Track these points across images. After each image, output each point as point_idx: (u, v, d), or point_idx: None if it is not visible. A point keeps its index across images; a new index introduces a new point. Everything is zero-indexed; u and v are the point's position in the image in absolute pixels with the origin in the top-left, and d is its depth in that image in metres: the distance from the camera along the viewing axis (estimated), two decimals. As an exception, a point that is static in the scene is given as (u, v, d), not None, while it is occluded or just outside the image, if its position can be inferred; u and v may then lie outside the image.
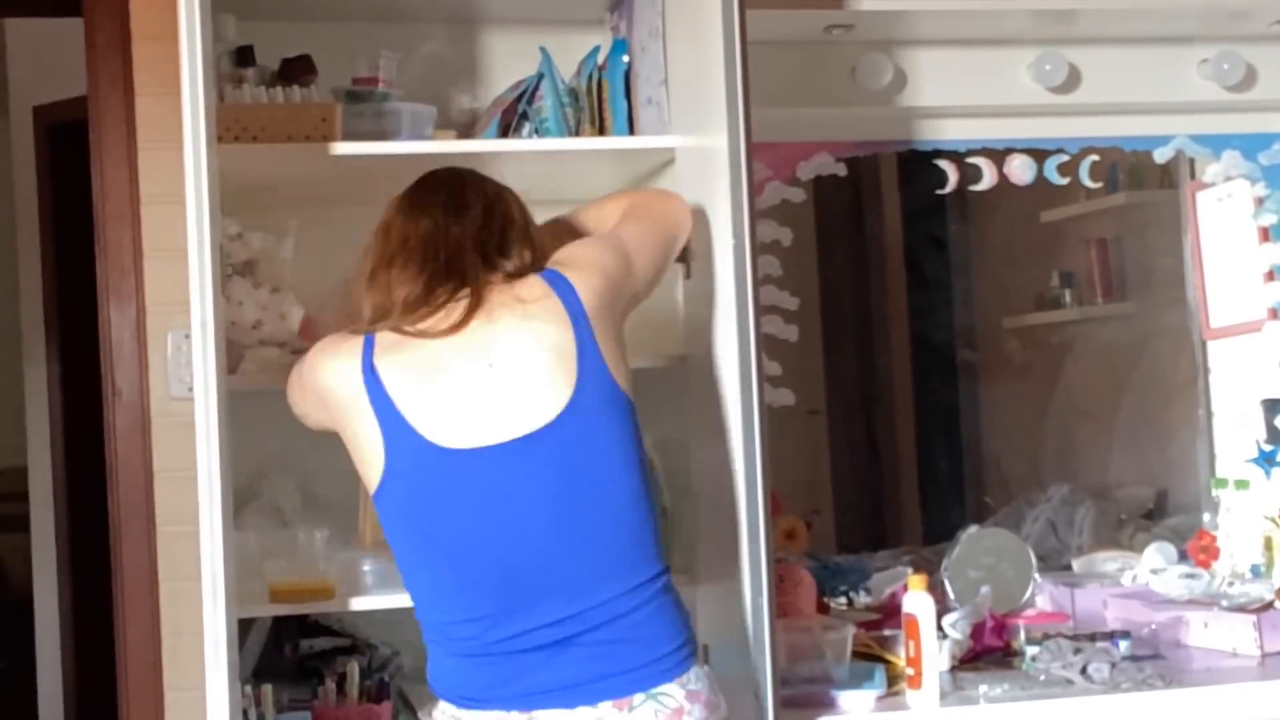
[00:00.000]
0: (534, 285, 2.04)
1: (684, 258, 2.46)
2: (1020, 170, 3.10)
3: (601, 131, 2.66)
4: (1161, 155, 3.17)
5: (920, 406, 3.57)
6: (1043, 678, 2.48)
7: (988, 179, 3.10)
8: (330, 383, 2.02)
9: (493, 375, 1.97)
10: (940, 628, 2.47)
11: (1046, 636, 2.58)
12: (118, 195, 2.83)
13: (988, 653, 2.63)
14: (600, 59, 2.70)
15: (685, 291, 2.47)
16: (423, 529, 1.96)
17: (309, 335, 2.54)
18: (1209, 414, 3.30)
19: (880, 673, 2.44)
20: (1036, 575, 2.87)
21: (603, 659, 1.93)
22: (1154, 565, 3.00)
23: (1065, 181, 3.13)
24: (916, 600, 2.37)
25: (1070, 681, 2.46)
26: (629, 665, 1.93)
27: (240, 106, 2.46)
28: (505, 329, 2.00)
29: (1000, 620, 2.68)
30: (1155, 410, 3.42)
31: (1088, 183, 3.15)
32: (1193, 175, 3.29)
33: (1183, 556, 3.04)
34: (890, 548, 3.20)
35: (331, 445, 2.12)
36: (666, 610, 1.99)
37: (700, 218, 2.39)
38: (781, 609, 2.40)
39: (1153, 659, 2.58)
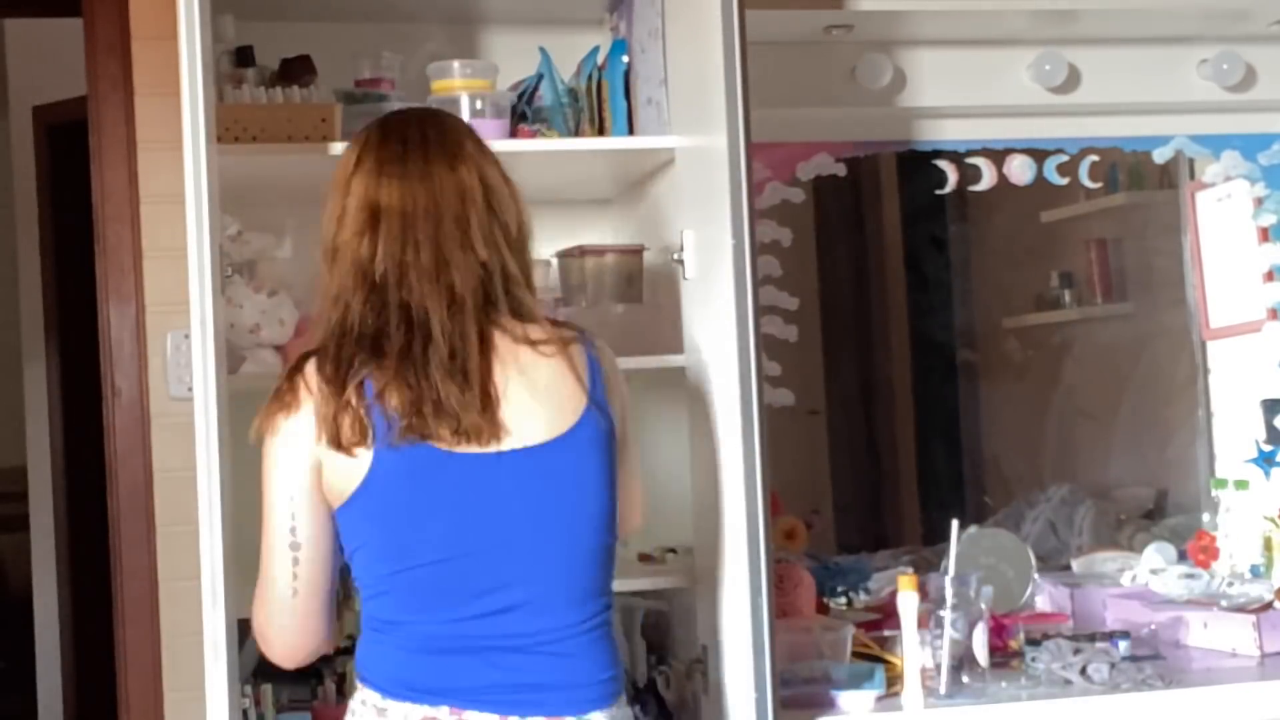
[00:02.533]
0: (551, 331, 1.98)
1: (679, 257, 2.47)
2: (1020, 170, 3.10)
3: (601, 132, 2.67)
4: (1161, 155, 3.17)
5: (920, 406, 3.57)
6: (1043, 678, 2.48)
7: (987, 179, 3.10)
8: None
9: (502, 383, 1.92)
10: (939, 627, 2.47)
11: (1046, 636, 2.58)
12: (117, 195, 2.83)
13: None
14: (600, 59, 2.70)
15: (685, 291, 2.47)
16: (403, 527, 1.89)
17: (304, 334, 2.54)
18: (1208, 414, 3.30)
19: (879, 673, 2.44)
20: (1036, 575, 2.87)
21: (545, 671, 1.90)
22: (1153, 565, 3.00)
23: (1065, 182, 3.13)
24: (906, 600, 2.38)
25: (1070, 681, 2.46)
26: (566, 682, 1.91)
27: (240, 107, 2.46)
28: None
29: (1000, 620, 2.68)
30: (1155, 410, 3.43)
31: (1087, 183, 3.15)
32: (1192, 175, 3.29)
33: (1182, 557, 3.04)
34: (890, 548, 3.20)
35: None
36: (607, 641, 1.97)
37: (701, 218, 2.40)
38: (781, 609, 2.40)
39: (1152, 659, 2.58)
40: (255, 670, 2.47)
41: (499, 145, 2.54)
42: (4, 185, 5.32)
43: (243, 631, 2.29)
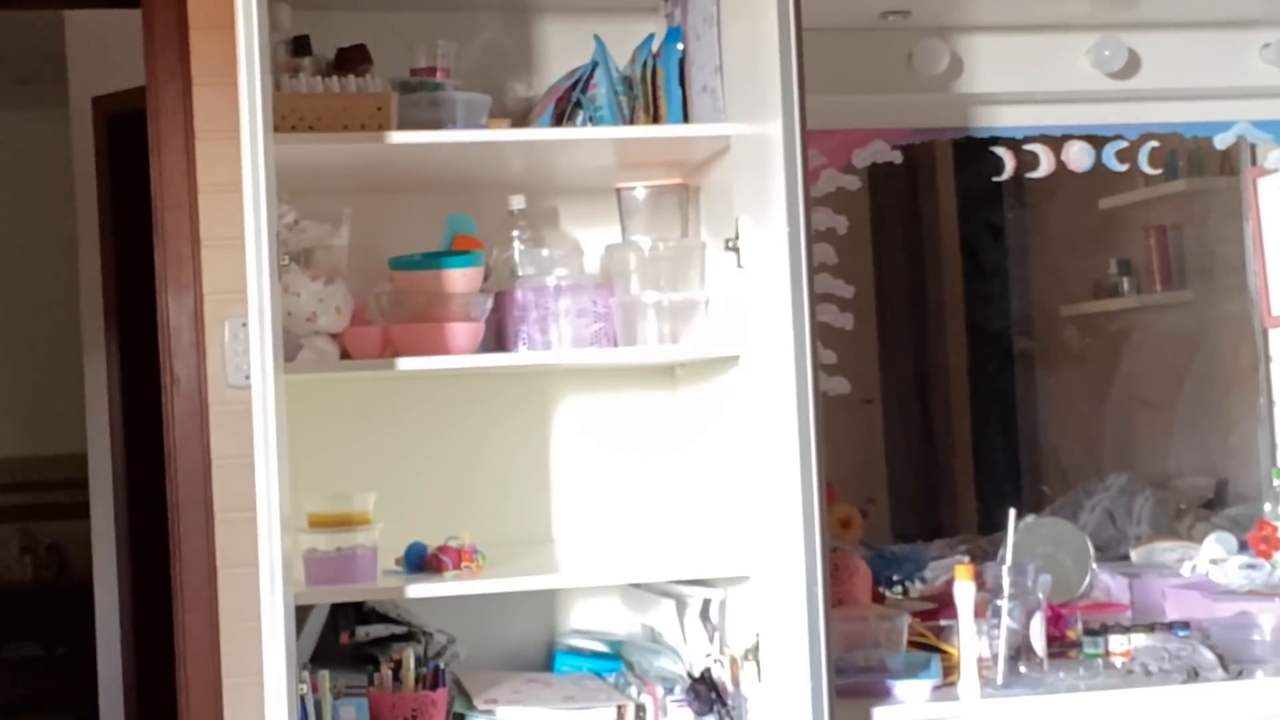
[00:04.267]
0: None
1: (734, 245, 2.46)
2: (1078, 157, 3.08)
3: (656, 119, 2.66)
4: (1222, 141, 3.14)
5: (976, 395, 3.55)
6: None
7: (1045, 166, 3.08)
8: None
9: None
10: (995, 617, 2.46)
11: (1105, 627, 2.57)
12: (176, 184, 2.85)
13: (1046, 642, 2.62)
14: (655, 46, 2.70)
15: (740, 280, 2.47)
16: None
17: (359, 322, 2.56)
18: (1270, 403, 3.26)
19: (935, 662, 2.44)
20: (1094, 565, 2.85)
21: None
22: (1214, 555, 2.97)
23: (1124, 168, 3.10)
24: (963, 589, 2.37)
25: (1130, 671, 2.44)
26: None
27: (296, 96, 2.47)
28: None
29: (1057, 610, 2.66)
30: (1215, 399, 3.39)
31: (1147, 169, 3.12)
32: (1254, 161, 3.26)
33: (1243, 546, 3.01)
34: (946, 537, 3.19)
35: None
36: None
37: (756, 205, 2.39)
38: (837, 598, 2.40)
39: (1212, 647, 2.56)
40: (312, 656, 2.49)
41: (553, 134, 2.56)
42: (65, 175, 5.37)
43: (300, 618, 2.31)
